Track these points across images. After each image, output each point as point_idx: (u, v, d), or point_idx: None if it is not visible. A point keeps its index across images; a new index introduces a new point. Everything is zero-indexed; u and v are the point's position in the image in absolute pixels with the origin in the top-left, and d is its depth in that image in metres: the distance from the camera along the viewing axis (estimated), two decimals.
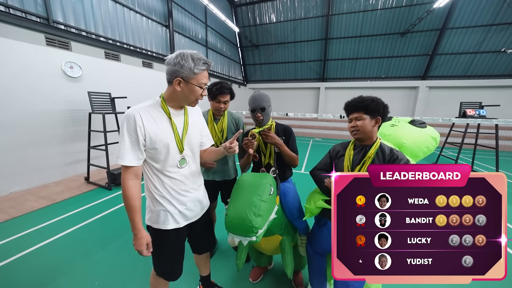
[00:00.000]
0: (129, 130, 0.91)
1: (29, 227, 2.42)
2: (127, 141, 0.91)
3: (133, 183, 0.95)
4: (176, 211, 1.05)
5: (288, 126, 1.51)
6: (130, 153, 0.92)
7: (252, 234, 1.00)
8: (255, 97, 1.41)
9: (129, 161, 0.92)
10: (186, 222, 1.11)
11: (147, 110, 0.96)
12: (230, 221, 1.03)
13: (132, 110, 0.93)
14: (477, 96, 7.62)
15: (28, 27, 3.39)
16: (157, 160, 0.99)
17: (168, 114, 1.00)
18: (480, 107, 4.70)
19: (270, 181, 1.16)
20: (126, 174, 0.94)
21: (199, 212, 1.17)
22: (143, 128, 0.92)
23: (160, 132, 0.96)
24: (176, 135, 1.00)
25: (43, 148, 3.62)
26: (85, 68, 4.15)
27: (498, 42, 7.93)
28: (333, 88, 10.93)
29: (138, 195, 0.97)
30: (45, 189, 3.43)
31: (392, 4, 8.56)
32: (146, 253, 0.98)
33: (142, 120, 0.92)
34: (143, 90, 5.59)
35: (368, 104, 1.10)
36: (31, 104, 3.42)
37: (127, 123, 0.91)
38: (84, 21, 4.40)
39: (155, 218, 1.04)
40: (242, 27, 10.86)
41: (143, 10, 5.86)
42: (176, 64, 0.92)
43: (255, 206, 1.02)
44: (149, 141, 0.94)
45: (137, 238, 0.95)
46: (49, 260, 1.93)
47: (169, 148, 0.98)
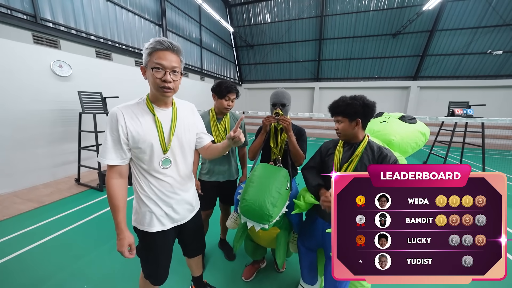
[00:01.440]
0: (111, 129, 0.90)
1: (15, 230, 2.32)
2: (109, 139, 0.90)
3: (116, 182, 0.93)
4: (162, 213, 1.02)
5: (302, 128, 1.58)
6: (112, 152, 0.90)
7: (265, 222, 1.07)
8: (278, 93, 1.48)
9: (111, 160, 0.91)
10: (172, 224, 1.07)
11: (131, 109, 0.93)
12: (248, 206, 1.08)
13: (115, 109, 0.91)
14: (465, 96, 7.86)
15: (14, 24, 3.25)
16: (142, 160, 0.96)
17: (153, 111, 0.96)
18: (467, 106, 4.86)
19: (286, 176, 1.23)
20: (109, 173, 0.93)
21: (187, 215, 1.13)
22: (125, 126, 0.90)
23: (144, 131, 0.93)
24: (160, 134, 0.96)
25: (31, 149, 3.49)
26: (75, 67, 4.03)
27: (484, 44, 8.21)
28: (327, 88, 11.03)
29: (122, 195, 0.94)
30: (33, 191, 3.30)
31: (384, 6, 8.73)
32: (128, 254, 0.95)
33: (125, 118, 0.90)
34: (136, 90, 5.47)
35: (343, 110, 1.12)
36: (18, 103, 3.29)
37: (110, 121, 0.90)
38: (74, 19, 4.27)
39: (141, 219, 1.02)
40: (236, 27, 10.81)
41: (135, 8, 5.74)
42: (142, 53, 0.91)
43: (273, 196, 1.08)
44: (132, 140, 0.91)
45: (119, 238, 0.94)
46: (36, 264, 1.86)
47: (153, 148, 0.95)
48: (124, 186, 0.96)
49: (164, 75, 0.88)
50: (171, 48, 0.89)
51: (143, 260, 1.09)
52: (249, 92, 12.75)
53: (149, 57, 0.88)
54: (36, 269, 1.81)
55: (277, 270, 1.80)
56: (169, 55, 0.88)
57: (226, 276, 1.76)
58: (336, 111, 1.15)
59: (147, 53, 0.87)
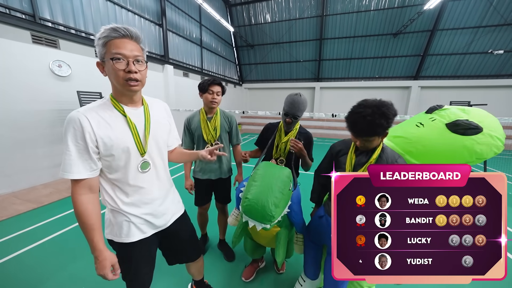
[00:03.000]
0: (74, 138, 0.76)
1: (13, 231, 2.32)
2: (72, 150, 0.76)
3: (86, 199, 0.80)
4: (141, 221, 0.94)
5: (310, 133, 1.60)
6: (78, 164, 0.77)
7: (267, 222, 1.06)
8: (293, 103, 1.42)
9: (78, 173, 0.77)
10: (154, 230, 1.00)
11: (96, 112, 0.81)
12: (250, 205, 1.06)
13: (76, 113, 0.77)
14: (466, 96, 7.86)
15: (13, 24, 3.24)
16: (115, 168, 0.85)
17: (122, 112, 0.85)
18: (468, 106, 4.85)
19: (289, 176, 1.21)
20: (76, 189, 0.79)
21: (168, 220, 1.05)
22: (93, 133, 0.77)
23: (116, 135, 0.82)
24: (135, 136, 0.86)
25: (30, 149, 3.48)
26: (75, 67, 4.02)
27: (486, 44, 8.19)
28: (328, 88, 11.03)
29: (95, 211, 0.82)
30: (32, 192, 3.30)
31: (384, 6, 8.71)
32: (112, 276, 0.84)
33: (91, 123, 0.77)
34: None
35: (378, 132, 0.98)
36: (17, 103, 3.28)
37: (72, 129, 0.76)
38: (73, 18, 4.27)
39: (117, 230, 0.91)
40: (237, 26, 10.80)
41: (135, 8, 5.73)
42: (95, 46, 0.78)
43: (276, 197, 1.07)
44: (103, 147, 0.80)
45: (99, 260, 0.81)
46: (35, 265, 1.86)
47: (130, 152, 0.85)
48: (96, 202, 0.84)
49: (128, 66, 0.77)
50: (128, 35, 0.78)
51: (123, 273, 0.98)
52: (250, 92, 12.75)
53: (105, 48, 0.76)
54: (35, 270, 1.80)
55: (277, 271, 1.80)
56: (128, 43, 0.77)
57: (225, 277, 1.76)
58: (361, 134, 1.00)
59: (101, 43, 0.75)
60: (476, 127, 1.12)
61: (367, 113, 0.94)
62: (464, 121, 1.14)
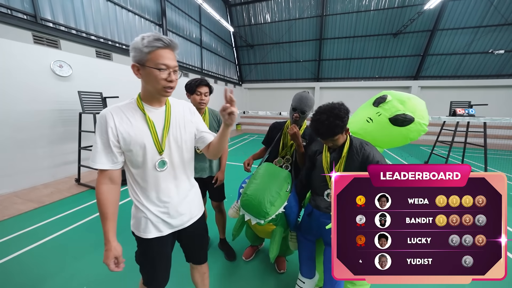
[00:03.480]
0: (100, 132, 0.84)
1: (14, 231, 2.32)
2: (99, 143, 0.85)
3: (106, 188, 0.87)
4: (158, 219, 0.97)
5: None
6: (102, 155, 0.85)
7: (262, 218, 1.14)
8: (301, 99, 1.48)
9: (101, 164, 0.85)
10: (170, 230, 1.01)
11: (121, 109, 0.88)
12: (248, 200, 1.15)
13: (104, 111, 0.86)
14: (466, 96, 7.84)
15: (14, 24, 3.25)
16: (136, 163, 0.91)
17: (143, 110, 0.90)
18: (469, 106, 4.83)
19: (288, 178, 1.29)
20: (99, 178, 0.88)
21: (185, 221, 1.05)
22: (115, 128, 0.84)
23: (135, 131, 0.87)
24: (153, 134, 0.90)
25: (31, 149, 3.49)
26: (75, 67, 4.03)
27: (486, 44, 8.18)
28: (328, 88, 11.02)
29: (112, 202, 0.88)
30: (33, 192, 3.31)
31: (384, 5, 8.70)
32: (113, 267, 0.87)
33: (114, 120, 0.85)
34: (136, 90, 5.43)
35: (337, 131, 1.10)
36: (18, 103, 3.29)
37: (99, 124, 0.85)
38: (74, 19, 4.28)
39: (137, 225, 0.97)
40: (237, 26, 10.81)
41: (136, 8, 5.74)
42: (131, 49, 0.81)
43: (273, 196, 1.15)
44: (123, 142, 0.86)
45: (106, 249, 0.86)
46: (36, 265, 1.86)
47: (146, 150, 0.89)
48: (114, 192, 0.89)
49: (169, 75, 0.84)
50: (171, 46, 0.83)
51: (141, 267, 1.04)
52: (249, 92, 12.76)
53: (148, 55, 0.80)
54: (36, 269, 1.81)
55: (278, 271, 1.81)
56: (169, 53, 0.83)
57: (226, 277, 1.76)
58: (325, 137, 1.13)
59: (146, 51, 0.80)
60: (410, 120, 1.41)
61: (323, 118, 1.08)
62: (401, 115, 1.42)
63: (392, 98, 1.49)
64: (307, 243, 1.45)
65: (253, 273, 1.80)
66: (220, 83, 10.17)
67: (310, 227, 1.38)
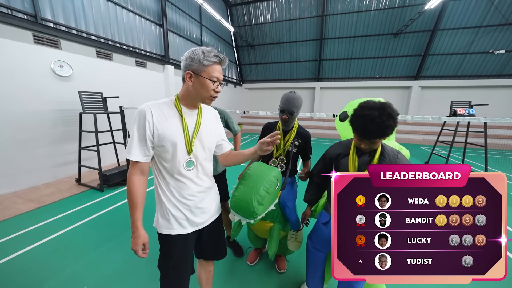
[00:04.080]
0: (138, 125, 0.91)
1: (15, 230, 2.33)
2: (135, 135, 0.91)
3: (137, 179, 0.93)
4: (182, 216, 1.01)
5: (308, 133, 1.62)
6: (137, 148, 0.91)
7: (251, 217, 1.16)
8: (288, 100, 1.45)
9: (135, 156, 0.91)
10: (193, 228, 1.05)
11: (159, 107, 0.94)
12: (236, 201, 1.18)
13: (144, 106, 0.92)
14: (467, 96, 7.83)
15: (15, 24, 3.25)
16: (165, 159, 0.96)
17: (180, 112, 0.97)
18: (469, 106, 4.82)
19: (277, 176, 1.28)
20: (132, 169, 0.94)
21: (206, 220, 1.11)
22: (152, 124, 0.91)
23: (169, 129, 0.93)
24: (186, 135, 0.96)
25: (32, 149, 3.50)
26: (76, 67, 4.03)
27: (487, 44, 8.16)
28: (328, 88, 11.01)
29: (141, 192, 0.94)
30: (34, 192, 3.32)
31: (385, 5, 8.68)
32: (141, 253, 0.93)
33: (152, 115, 0.91)
34: (137, 90, 5.48)
35: (388, 133, 0.97)
36: (19, 103, 3.30)
37: (138, 118, 0.91)
38: (75, 19, 4.28)
39: (161, 221, 1.01)
40: (237, 26, 10.80)
41: (136, 8, 5.74)
42: (188, 58, 0.92)
43: (260, 195, 1.17)
44: (157, 137, 0.92)
45: (134, 236, 0.92)
46: (36, 265, 1.86)
47: (177, 148, 0.94)
48: (144, 184, 0.96)
49: (217, 87, 0.95)
50: (223, 62, 0.94)
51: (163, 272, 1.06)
52: (250, 92, 12.76)
53: (205, 67, 0.90)
54: (36, 269, 1.81)
55: (278, 271, 1.82)
56: (221, 68, 0.95)
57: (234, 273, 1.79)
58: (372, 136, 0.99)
59: (206, 64, 0.90)
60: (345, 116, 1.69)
61: (375, 116, 0.94)
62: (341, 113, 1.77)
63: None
64: (318, 253, 1.36)
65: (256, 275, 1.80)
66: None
67: (324, 238, 1.28)
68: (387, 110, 0.95)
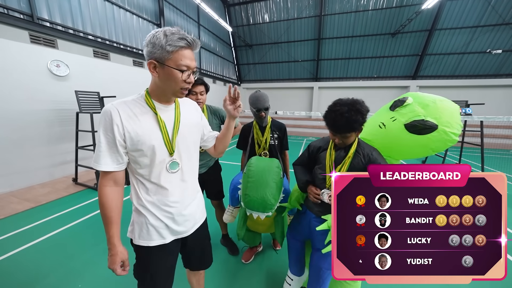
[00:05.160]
0: (105, 129, 0.76)
1: (10, 230, 2.31)
2: (103, 142, 0.77)
3: (110, 191, 0.81)
4: (161, 224, 0.89)
5: (283, 124, 1.75)
6: (107, 156, 0.78)
7: (268, 210, 1.24)
8: (259, 98, 1.56)
9: (105, 165, 0.78)
10: (173, 237, 0.94)
11: (128, 105, 0.80)
12: (252, 200, 1.24)
13: (109, 106, 0.77)
14: (464, 96, 7.88)
15: (11, 23, 3.22)
16: (141, 165, 0.83)
17: (154, 109, 0.83)
18: (466, 105, 4.86)
19: (279, 166, 1.38)
20: (103, 180, 0.80)
21: (190, 227, 0.98)
22: (122, 126, 0.77)
23: (143, 130, 0.80)
24: (164, 134, 0.84)
25: (28, 149, 3.46)
26: (73, 66, 4.00)
27: (484, 43, 8.22)
28: (326, 88, 11.04)
29: (116, 205, 0.82)
30: (30, 191, 3.28)
31: (382, 5, 8.72)
32: (120, 271, 0.83)
33: (121, 116, 0.77)
34: (134, 90, 5.45)
35: (356, 127, 1.05)
36: (15, 103, 3.26)
37: (103, 121, 0.76)
38: (71, 18, 4.24)
39: (138, 231, 0.89)
40: (235, 26, 10.79)
41: (134, 8, 5.71)
42: (148, 44, 0.74)
43: (272, 187, 1.25)
44: (130, 141, 0.79)
45: (111, 254, 0.81)
46: (31, 264, 1.85)
47: (155, 150, 0.82)
48: (119, 195, 0.83)
49: (188, 77, 0.79)
50: (193, 45, 0.77)
51: (140, 283, 0.95)
52: (248, 92, 12.73)
53: (170, 54, 0.73)
54: (31, 268, 1.80)
55: (274, 249, 2.01)
56: (191, 54, 0.78)
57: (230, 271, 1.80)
58: (341, 130, 1.06)
59: (169, 50, 0.73)
60: (431, 127, 1.15)
61: (344, 111, 1.02)
62: (420, 121, 1.16)
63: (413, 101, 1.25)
64: (296, 243, 1.44)
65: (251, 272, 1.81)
66: (219, 83, 10.15)
67: (300, 228, 1.37)
68: (356, 106, 1.03)
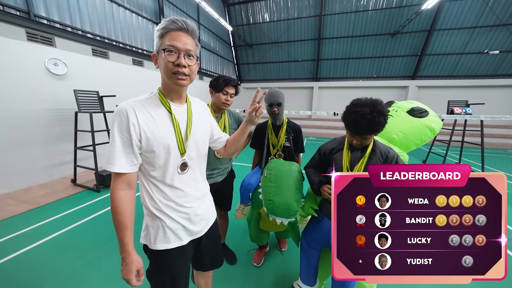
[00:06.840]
0: (120, 129, 0.74)
1: (8, 233, 2.28)
2: (118, 142, 0.74)
3: (124, 194, 0.77)
4: (179, 226, 0.88)
5: (298, 125, 1.69)
6: (122, 157, 0.74)
7: (292, 216, 1.24)
8: (273, 93, 1.53)
9: (121, 167, 0.74)
10: (190, 238, 0.94)
11: (143, 105, 0.78)
12: (277, 207, 1.22)
13: (125, 105, 0.76)
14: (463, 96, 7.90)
15: (7, 21, 3.19)
16: (155, 166, 0.82)
17: (169, 108, 0.82)
18: (466, 105, 4.88)
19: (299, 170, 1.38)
20: (116, 183, 0.76)
21: (204, 226, 0.98)
22: (138, 126, 0.75)
23: (159, 131, 0.79)
24: (177, 134, 0.83)
25: (26, 149, 3.43)
26: (71, 65, 3.97)
27: (482, 44, 8.26)
28: (326, 88, 11.04)
29: (131, 210, 0.78)
30: (28, 193, 3.26)
31: (382, 5, 8.74)
32: (135, 282, 0.79)
33: (137, 116, 0.75)
34: (134, 89, 5.43)
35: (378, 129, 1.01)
36: (12, 102, 3.23)
37: (119, 120, 0.74)
38: (69, 16, 4.21)
39: (154, 236, 0.86)
40: (235, 26, 10.77)
41: (133, 6, 5.68)
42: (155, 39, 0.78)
43: (296, 193, 1.25)
44: (146, 142, 0.76)
45: (126, 263, 0.76)
46: (31, 267, 1.83)
47: (170, 151, 0.81)
48: (132, 199, 0.80)
49: (178, 59, 0.74)
50: (185, 29, 0.76)
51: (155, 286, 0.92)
52: (248, 92, 12.72)
53: (161, 39, 0.74)
54: (31, 272, 1.77)
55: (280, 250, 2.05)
56: (183, 36, 0.75)
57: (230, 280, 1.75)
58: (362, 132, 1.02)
59: (159, 35, 0.74)
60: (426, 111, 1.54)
61: (366, 112, 0.97)
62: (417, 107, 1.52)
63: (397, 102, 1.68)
64: (312, 251, 1.36)
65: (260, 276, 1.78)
66: None
67: (317, 236, 1.30)
68: (378, 107, 0.98)
